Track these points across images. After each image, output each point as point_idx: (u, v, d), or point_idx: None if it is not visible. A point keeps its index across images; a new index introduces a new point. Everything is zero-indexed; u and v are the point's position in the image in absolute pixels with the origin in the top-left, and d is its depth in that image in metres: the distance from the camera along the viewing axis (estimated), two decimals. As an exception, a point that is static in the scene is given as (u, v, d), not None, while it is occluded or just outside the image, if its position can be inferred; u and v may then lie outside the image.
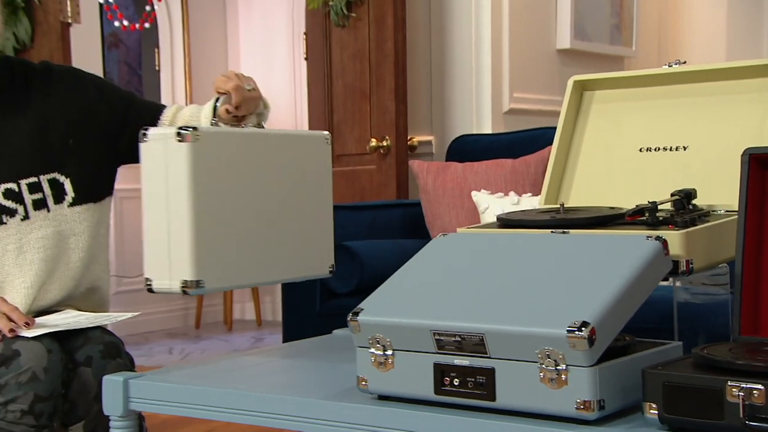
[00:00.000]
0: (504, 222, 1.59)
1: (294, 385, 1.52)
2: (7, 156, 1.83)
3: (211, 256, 1.59)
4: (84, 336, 1.77)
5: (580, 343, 1.18)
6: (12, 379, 1.60)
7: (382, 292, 1.41)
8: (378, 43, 3.81)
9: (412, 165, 3.18)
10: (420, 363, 1.32)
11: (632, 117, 1.76)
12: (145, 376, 1.57)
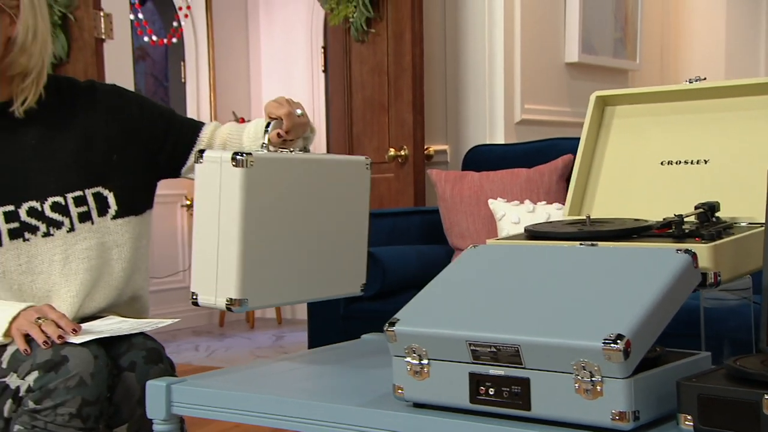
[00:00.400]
0: (531, 234, 1.55)
1: (330, 391, 1.48)
2: (55, 171, 1.81)
3: (256, 276, 1.57)
4: (128, 342, 1.75)
5: (616, 356, 1.14)
6: (61, 384, 1.57)
7: (416, 302, 1.37)
8: (396, 58, 3.78)
9: (430, 174, 3.15)
10: (455, 372, 1.27)
11: (653, 131, 1.71)
12: (187, 381, 1.54)
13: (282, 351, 5.25)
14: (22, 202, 1.77)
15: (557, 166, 3.04)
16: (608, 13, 4.44)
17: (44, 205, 1.78)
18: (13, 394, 1.62)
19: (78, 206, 1.80)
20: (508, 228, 2.80)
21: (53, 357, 1.59)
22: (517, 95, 3.95)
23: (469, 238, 2.95)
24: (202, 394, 1.49)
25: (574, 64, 4.28)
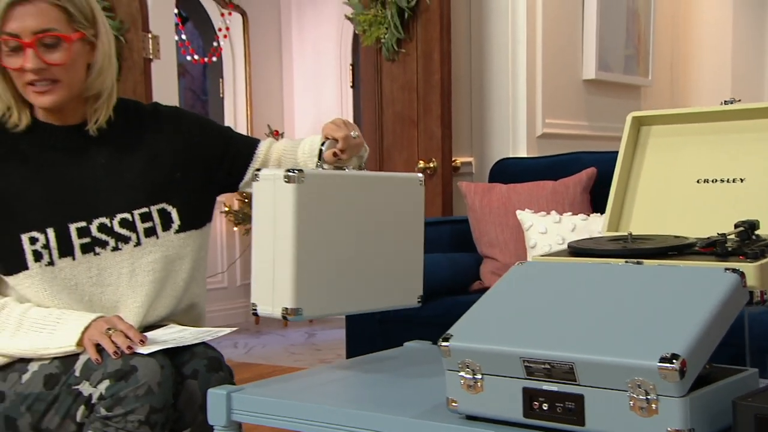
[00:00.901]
0: (575, 250, 1.49)
1: (383, 401, 1.43)
2: (123, 189, 1.79)
3: (310, 287, 1.54)
4: (190, 351, 1.72)
5: (672, 375, 1.08)
6: (131, 393, 1.55)
7: (468, 318, 1.31)
8: (426, 76, 3.73)
9: (460, 186, 3.09)
10: (509, 387, 1.22)
11: (689, 150, 1.65)
12: (245, 390, 1.51)
13: (315, 348, 5.20)
14: (93, 218, 1.75)
15: (581, 178, 2.98)
16: (621, 32, 4.38)
17: (113, 221, 1.77)
18: (86, 400, 1.59)
19: (144, 222, 1.79)
20: (535, 237, 2.74)
21: (123, 367, 1.57)
22: (539, 110, 3.89)
23: (497, 247, 2.89)
24: (259, 402, 1.46)
25: (591, 81, 4.22)
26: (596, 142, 4.22)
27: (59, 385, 1.63)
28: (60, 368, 1.64)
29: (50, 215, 1.72)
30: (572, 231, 2.72)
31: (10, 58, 1.65)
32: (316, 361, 4.77)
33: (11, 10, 1.61)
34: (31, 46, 1.63)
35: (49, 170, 1.76)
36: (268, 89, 6.47)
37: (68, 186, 1.76)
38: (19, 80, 1.67)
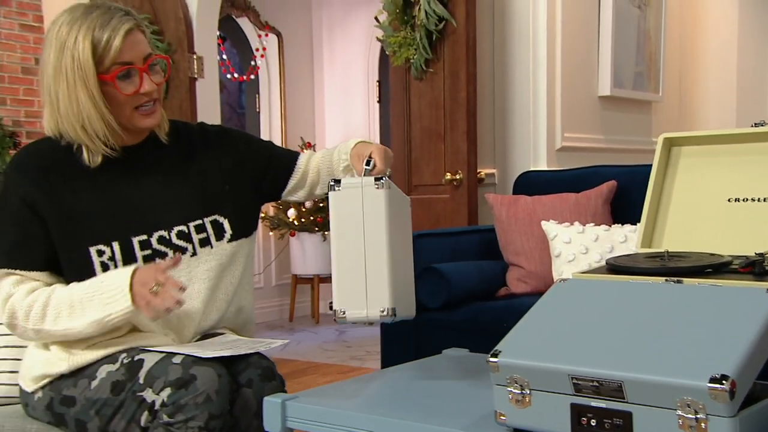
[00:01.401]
0: (614, 267, 1.43)
1: (431, 412, 1.37)
2: (178, 204, 1.77)
3: (397, 289, 1.52)
4: (245, 361, 1.69)
5: (722, 396, 1.03)
6: (191, 400, 1.53)
7: (515, 335, 1.26)
8: (452, 94, 3.68)
9: (487, 197, 3.04)
10: (557, 403, 1.17)
11: (720, 170, 1.59)
12: (299, 398, 1.47)
13: (346, 345, 5.15)
14: (153, 231, 1.73)
15: (602, 191, 2.92)
16: (632, 51, 4.32)
17: (171, 233, 1.75)
18: (149, 407, 1.57)
19: (199, 233, 1.77)
20: (560, 247, 2.69)
21: (183, 375, 1.55)
22: (558, 124, 3.84)
23: (523, 255, 2.84)
24: (312, 410, 1.42)
25: (606, 97, 4.16)
26: (611, 155, 4.16)
27: (125, 391, 1.60)
28: (125, 375, 1.62)
29: (115, 230, 1.70)
30: (595, 241, 2.66)
31: (125, 84, 1.63)
32: (347, 358, 4.73)
33: (127, 37, 1.61)
34: (145, 70, 1.64)
35: (113, 188, 1.74)
36: (301, 104, 6.47)
37: (130, 202, 1.74)
38: (128, 106, 1.66)
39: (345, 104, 6.47)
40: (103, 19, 1.60)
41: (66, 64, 1.60)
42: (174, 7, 4.56)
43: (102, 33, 1.59)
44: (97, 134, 1.65)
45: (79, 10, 1.64)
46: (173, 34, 4.56)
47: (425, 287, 2.74)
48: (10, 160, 1.74)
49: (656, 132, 4.60)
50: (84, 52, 1.59)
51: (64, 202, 1.69)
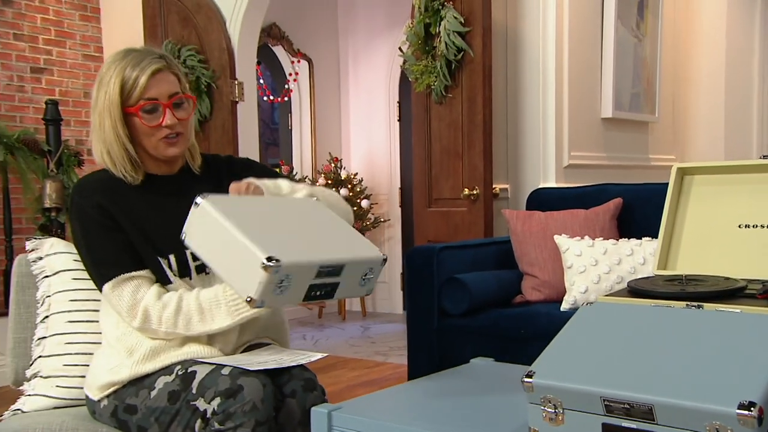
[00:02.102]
0: (635, 291, 1.38)
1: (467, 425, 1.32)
2: None
3: (271, 247, 1.44)
4: (289, 373, 1.66)
5: (750, 422, 0.97)
6: (239, 409, 1.50)
7: (548, 356, 1.21)
8: (470, 116, 3.63)
9: (504, 213, 2.98)
10: (589, 422, 1.12)
11: (730, 198, 1.54)
12: (343, 408, 1.44)
13: (370, 341, 5.11)
14: None
15: (609, 207, 2.87)
16: (630, 75, 4.25)
17: None
18: (202, 414, 1.54)
19: None
20: (572, 259, 2.63)
21: (231, 386, 1.53)
22: (565, 144, 3.78)
23: (537, 266, 2.78)
24: (355, 421, 1.39)
25: (608, 119, 4.09)
26: (613, 171, 4.10)
27: (180, 400, 1.58)
28: (180, 386, 1.59)
29: (171, 244, 1.69)
30: (604, 254, 2.60)
31: (148, 117, 1.66)
32: (372, 353, 4.69)
33: (153, 76, 1.64)
34: (168, 106, 1.66)
35: (165, 208, 1.73)
36: (329, 123, 6.45)
37: (177, 221, 1.69)
38: (154, 137, 1.68)
39: (368, 123, 6.45)
40: (135, 60, 1.64)
41: (100, 97, 1.65)
42: (218, 38, 4.54)
43: (132, 72, 1.64)
44: (117, 159, 1.68)
45: (121, 53, 1.68)
46: (217, 62, 4.55)
47: (449, 296, 2.69)
48: (72, 190, 1.73)
49: (652, 150, 4.54)
50: (114, 87, 1.63)
51: (129, 215, 1.68)
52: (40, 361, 1.88)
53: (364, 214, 5.92)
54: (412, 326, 2.80)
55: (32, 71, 5.02)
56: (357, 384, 3.84)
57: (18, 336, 1.96)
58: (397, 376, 3.98)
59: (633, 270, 2.55)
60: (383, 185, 6.32)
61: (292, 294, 1.48)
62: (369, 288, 1.61)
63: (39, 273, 1.98)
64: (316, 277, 1.51)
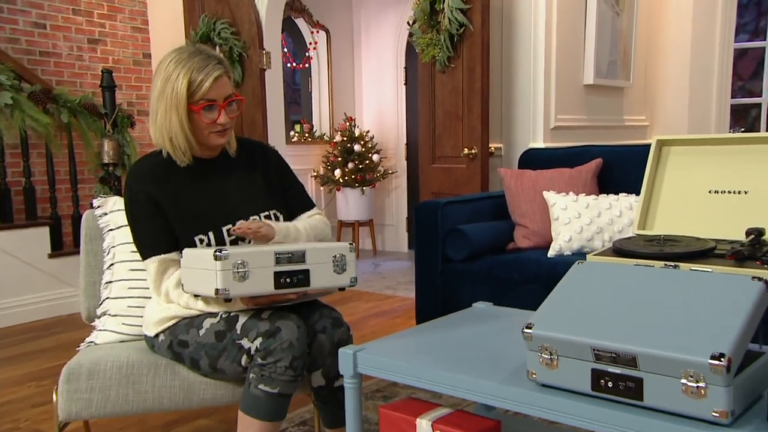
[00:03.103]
0: (619, 251, 1.37)
1: (472, 365, 1.33)
2: (251, 200, 1.77)
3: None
4: (319, 313, 1.69)
5: (720, 370, 0.98)
6: (278, 346, 1.53)
7: (545, 310, 1.21)
8: (469, 84, 3.57)
9: (499, 171, 2.96)
10: (580, 367, 1.13)
11: (702, 167, 1.52)
12: (366, 349, 1.43)
13: (381, 276, 5.13)
14: (235, 221, 1.72)
15: (591, 167, 2.84)
16: (608, 45, 4.16)
17: (248, 220, 1.73)
18: (247, 351, 1.57)
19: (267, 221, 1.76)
20: (558, 212, 2.62)
21: (270, 328, 1.55)
22: (552, 108, 3.72)
23: (527, 217, 2.77)
24: (377, 361, 1.39)
25: (589, 85, 4.02)
26: (593, 131, 4.05)
27: (226, 339, 1.60)
28: (225, 327, 1.61)
29: (209, 222, 1.70)
30: (586, 208, 2.59)
31: (206, 113, 1.65)
32: (383, 287, 4.71)
33: (216, 82, 1.63)
34: (223, 107, 1.67)
35: (202, 189, 1.73)
36: (344, 86, 6.36)
37: (216, 200, 1.73)
38: (207, 129, 1.68)
39: (378, 86, 6.35)
40: (201, 64, 1.63)
41: (167, 92, 1.63)
42: (248, 13, 4.44)
43: (198, 75, 1.62)
44: (179, 145, 1.68)
45: (185, 52, 1.65)
46: (247, 34, 4.46)
47: (451, 244, 2.69)
48: (128, 174, 1.72)
49: (627, 112, 4.48)
50: (182, 86, 1.61)
51: (173, 201, 1.68)
52: (108, 301, 1.90)
53: (375, 166, 5.89)
54: (419, 270, 2.81)
55: (89, 42, 4.94)
56: (371, 315, 3.87)
57: (88, 279, 1.98)
58: (404, 308, 4.01)
59: (611, 221, 2.54)
60: (391, 141, 6.26)
61: (259, 282, 1.49)
62: (350, 276, 1.59)
63: (104, 227, 1.99)
64: (277, 263, 1.51)
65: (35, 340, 3.56)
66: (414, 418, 1.31)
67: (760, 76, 4.89)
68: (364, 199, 5.90)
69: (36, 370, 3.05)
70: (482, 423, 1.29)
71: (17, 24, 4.63)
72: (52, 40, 4.77)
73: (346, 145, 5.86)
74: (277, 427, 1.57)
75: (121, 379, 1.65)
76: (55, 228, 4.11)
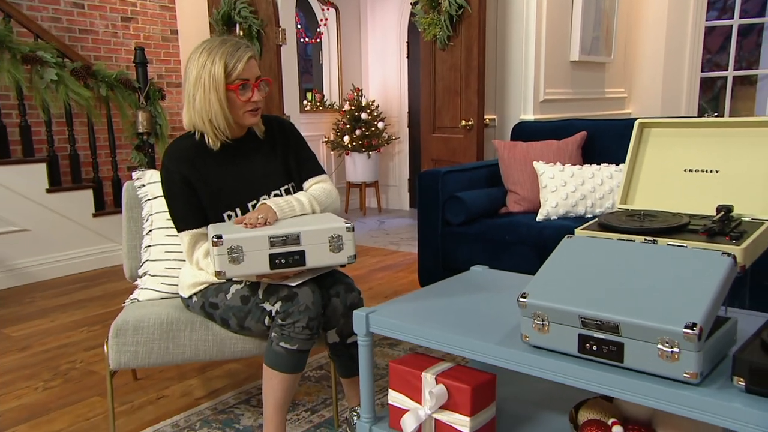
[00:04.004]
0: (604, 225, 1.37)
1: (471, 327, 1.34)
2: (272, 176, 1.75)
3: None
4: (333, 278, 1.69)
5: (692, 338, 0.99)
6: (295, 309, 1.54)
7: (538, 280, 1.21)
8: (467, 61, 3.50)
9: (494, 142, 2.93)
10: (568, 332, 1.14)
11: (679, 148, 1.50)
12: (377, 311, 1.43)
13: (385, 233, 5.13)
14: (260, 196, 1.72)
15: (576, 139, 2.81)
16: (592, 24, 4.06)
17: (270, 196, 1.73)
18: (269, 313, 1.58)
19: (286, 195, 1.75)
20: (546, 180, 2.61)
21: (289, 293, 1.56)
22: (542, 82, 3.67)
23: (519, 185, 2.76)
24: (386, 322, 1.39)
25: (575, 61, 3.95)
26: (578, 103, 4.00)
27: (250, 302, 1.61)
28: (249, 292, 1.62)
29: (237, 198, 1.69)
30: (571, 177, 2.58)
31: (242, 92, 1.63)
32: (387, 243, 4.72)
33: (247, 63, 1.61)
34: (256, 86, 1.65)
35: (231, 167, 1.71)
36: (352, 59, 6.26)
37: (244, 177, 1.72)
38: (242, 108, 1.65)
39: (383, 59, 6.25)
40: (233, 49, 1.60)
41: (204, 77, 1.60)
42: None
43: (231, 59, 1.60)
44: (219, 126, 1.65)
45: (215, 42, 1.62)
46: (265, 13, 4.36)
47: (450, 209, 2.69)
48: (164, 153, 1.69)
49: (608, 85, 4.41)
50: (219, 69, 1.59)
51: (205, 180, 1.67)
52: (148, 263, 1.92)
53: (380, 133, 5.84)
54: (421, 232, 2.81)
55: (122, 20, 4.85)
56: (377, 269, 3.89)
57: (130, 243, 1.99)
58: (407, 263, 4.02)
59: (593, 189, 2.53)
60: (394, 109, 6.20)
61: (254, 264, 1.46)
62: (347, 254, 1.53)
63: (143, 197, 1.99)
64: (272, 246, 1.47)
65: (84, 289, 3.60)
66: (420, 372, 1.33)
67: (726, 49, 4.78)
68: (370, 163, 5.87)
69: (87, 317, 3.10)
70: (480, 376, 1.31)
71: (59, 4, 4.53)
72: (90, 19, 4.68)
73: (354, 114, 5.80)
74: (296, 378, 1.60)
75: (162, 335, 1.68)
76: (97, 190, 4.11)
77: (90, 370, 2.43)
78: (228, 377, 2.29)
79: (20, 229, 3.76)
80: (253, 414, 2.00)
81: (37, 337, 2.81)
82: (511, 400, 1.56)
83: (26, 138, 3.90)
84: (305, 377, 2.25)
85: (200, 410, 2.04)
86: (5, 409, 2.11)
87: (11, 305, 3.32)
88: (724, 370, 1.07)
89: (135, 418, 2.01)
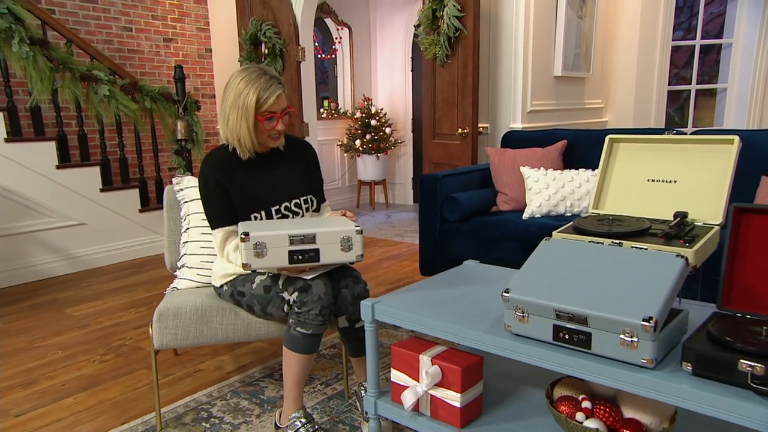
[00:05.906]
0: (578, 229, 1.39)
1: (463, 317, 1.37)
2: (292, 186, 1.78)
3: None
4: (343, 272, 1.71)
5: (648, 329, 1.02)
6: (309, 299, 1.57)
7: (519, 277, 1.24)
8: (463, 77, 3.51)
9: (486, 149, 2.95)
10: (544, 323, 1.17)
11: (644, 160, 1.51)
12: (382, 301, 1.46)
13: (392, 226, 5.14)
14: (281, 203, 1.74)
15: (558, 147, 2.82)
16: (573, 41, 4.04)
17: (291, 204, 1.76)
18: (288, 301, 1.61)
19: (305, 204, 1.79)
20: (531, 183, 2.62)
21: (304, 285, 1.58)
22: (528, 95, 3.66)
23: (507, 187, 2.77)
24: (389, 312, 1.42)
25: (558, 77, 3.94)
26: (560, 113, 3.99)
27: (271, 292, 1.64)
28: (270, 282, 1.65)
29: (261, 203, 1.71)
30: (553, 180, 2.59)
31: (268, 122, 1.66)
32: (393, 235, 4.73)
33: (277, 99, 1.64)
34: (281, 117, 1.68)
35: (257, 176, 1.74)
36: (363, 73, 6.25)
37: (269, 184, 1.74)
38: (266, 133, 1.69)
39: (390, 73, 6.24)
40: (266, 84, 1.62)
41: (239, 104, 1.62)
42: (287, 16, 4.35)
43: (264, 93, 1.62)
44: (245, 144, 1.69)
45: (253, 73, 1.64)
46: (287, 33, 4.37)
47: (447, 209, 2.71)
48: (203, 161, 1.72)
49: (587, 97, 4.39)
50: (251, 101, 1.61)
51: (236, 186, 1.69)
52: (185, 257, 1.96)
53: (387, 137, 5.85)
54: (422, 228, 2.83)
55: (164, 41, 4.88)
56: (383, 258, 3.92)
57: (170, 239, 2.03)
58: (410, 253, 4.05)
59: (572, 191, 2.54)
60: (400, 116, 6.20)
61: (276, 258, 1.49)
62: (356, 254, 1.55)
63: (181, 199, 2.03)
64: (291, 244, 1.49)
65: (132, 275, 3.66)
66: (418, 354, 1.37)
67: (691, 65, 4.75)
68: (378, 163, 5.89)
69: (135, 299, 3.15)
70: (469, 358, 1.34)
71: (111, 28, 4.57)
72: (137, 40, 4.72)
73: (364, 120, 5.81)
74: (311, 358, 1.63)
75: (197, 319, 1.72)
76: (142, 189, 4.16)
77: (137, 347, 2.48)
78: (255, 354, 2.34)
79: (78, 222, 3.83)
80: (276, 386, 2.04)
81: (94, 317, 2.87)
82: (497, 378, 1.59)
83: (83, 144, 3.97)
84: (320, 355, 2.29)
85: (230, 383, 2.09)
86: (69, 378, 2.17)
87: (71, 289, 3.39)
88: (676, 356, 1.09)
89: (176, 388, 2.06)
